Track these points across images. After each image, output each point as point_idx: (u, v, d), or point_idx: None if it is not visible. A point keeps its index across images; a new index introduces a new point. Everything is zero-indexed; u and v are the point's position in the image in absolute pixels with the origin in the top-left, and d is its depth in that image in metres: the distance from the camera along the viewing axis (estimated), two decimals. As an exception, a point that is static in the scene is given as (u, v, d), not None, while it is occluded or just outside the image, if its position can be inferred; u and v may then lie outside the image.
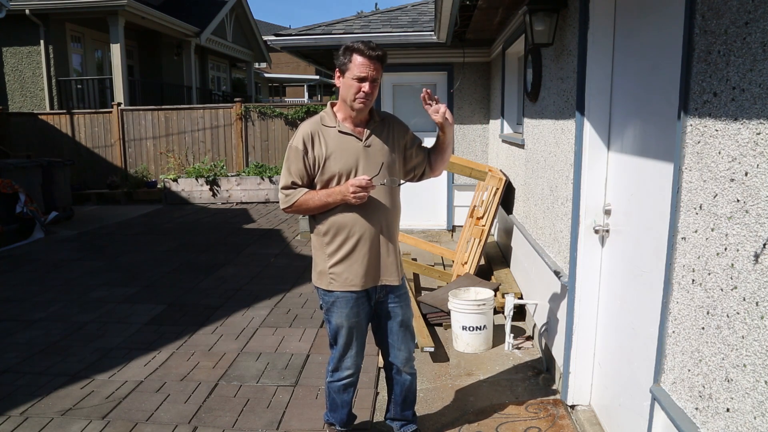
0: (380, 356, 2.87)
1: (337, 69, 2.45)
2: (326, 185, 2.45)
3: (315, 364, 3.82)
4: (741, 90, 1.49)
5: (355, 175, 2.42)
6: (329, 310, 2.59)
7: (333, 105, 2.53)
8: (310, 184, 2.49)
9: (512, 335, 3.98)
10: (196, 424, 3.09)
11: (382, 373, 3.08)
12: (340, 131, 2.46)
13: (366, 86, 2.37)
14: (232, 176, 11.06)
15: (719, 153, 1.59)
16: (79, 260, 6.71)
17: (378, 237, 2.50)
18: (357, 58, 2.35)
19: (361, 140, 2.46)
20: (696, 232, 1.73)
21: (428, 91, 2.42)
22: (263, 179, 10.92)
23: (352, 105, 2.42)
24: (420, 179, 2.71)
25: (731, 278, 1.53)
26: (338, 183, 2.43)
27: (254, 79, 21.90)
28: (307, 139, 2.44)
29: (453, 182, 7.56)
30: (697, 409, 1.72)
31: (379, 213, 2.48)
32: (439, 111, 2.43)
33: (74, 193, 10.44)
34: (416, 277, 5.66)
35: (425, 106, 2.44)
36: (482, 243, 5.06)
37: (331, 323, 2.60)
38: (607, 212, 2.80)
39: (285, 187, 2.48)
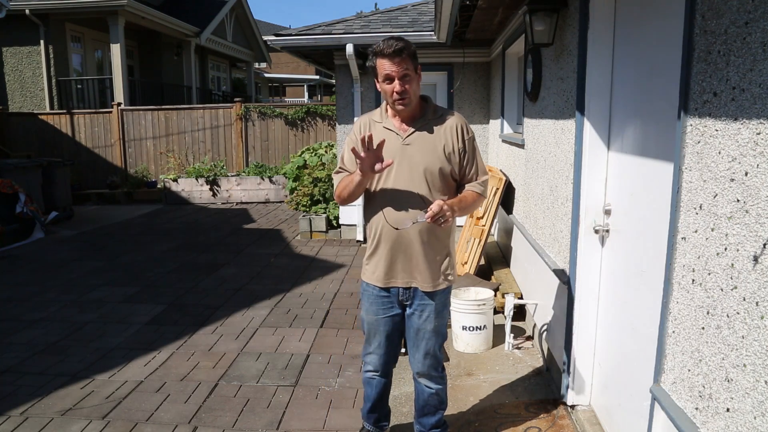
0: None
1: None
2: (377, 178, 2.47)
3: (315, 364, 3.82)
4: (741, 90, 1.48)
5: (392, 173, 2.39)
6: (361, 299, 2.65)
7: None
8: None
9: (512, 335, 3.98)
10: (196, 424, 3.09)
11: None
12: (384, 127, 2.44)
13: (396, 86, 2.30)
14: (232, 176, 11.06)
15: (719, 153, 1.59)
16: (79, 260, 6.72)
17: (406, 240, 2.41)
18: (378, 61, 2.31)
19: (401, 137, 2.41)
20: (696, 232, 1.73)
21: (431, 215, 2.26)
22: (263, 179, 10.92)
23: (393, 107, 2.38)
24: None
25: (731, 278, 1.53)
26: (381, 178, 2.42)
27: (254, 79, 21.91)
28: (359, 130, 2.49)
29: (453, 182, 7.54)
30: (697, 409, 1.72)
31: (403, 212, 2.39)
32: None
33: (74, 193, 10.43)
34: (416, 277, 5.65)
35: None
36: (482, 243, 5.06)
37: (361, 313, 2.67)
38: (607, 212, 2.80)
39: (335, 172, 2.57)
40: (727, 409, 1.55)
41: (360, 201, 2.58)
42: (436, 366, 2.61)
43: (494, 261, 5.64)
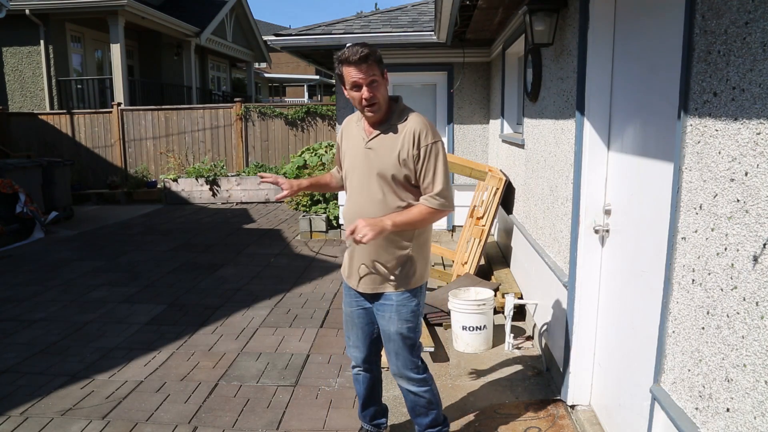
0: None
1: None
2: (346, 178, 2.55)
3: (315, 364, 3.82)
4: (741, 90, 1.49)
5: (355, 175, 2.44)
6: None
7: None
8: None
9: (512, 335, 3.98)
10: (196, 424, 3.09)
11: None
12: (357, 128, 2.47)
13: (364, 92, 2.28)
14: (232, 176, 11.06)
15: (719, 153, 1.59)
16: (79, 260, 6.71)
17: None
18: (344, 69, 2.29)
19: (365, 141, 2.41)
20: (696, 232, 1.73)
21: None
22: (263, 179, 10.91)
23: (363, 113, 2.38)
24: None
25: (731, 278, 1.53)
26: (347, 179, 2.50)
27: (254, 79, 21.90)
28: (342, 131, 2.59)
29: (453, 182, 7.55)
30: (697, 409, 1.72)
31: (359, 207, 2.43)
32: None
33: (74, 193, 10.43)
34: (416, 277, 5.65)
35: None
36: (482, 243, 5.06)
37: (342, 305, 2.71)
38: (607, 212, 2.80)
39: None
40: (727, 409, 1.55)
41: None
42: (410, 367, 2.53)
43: (494, 261, 5.64)
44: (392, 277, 2.44)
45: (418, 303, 2.50)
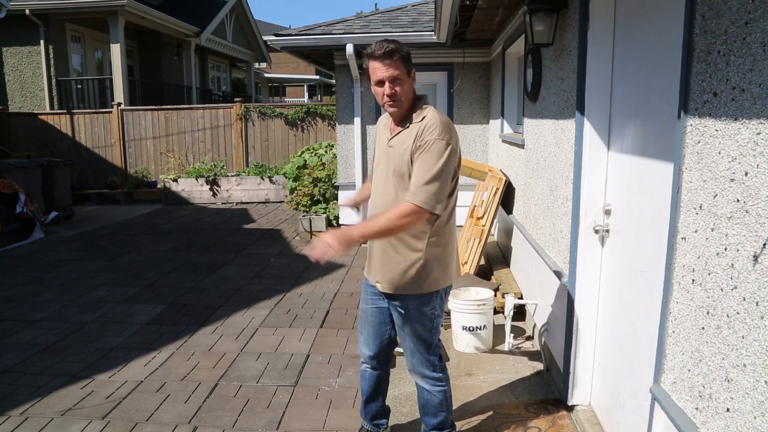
0: None
1: None
2: (371, 177, 2.60)
3: (315, 364, 3.82)
4: (741, 90, 1.49)
5: (376, 173, 2.51)
6: None
7: None
8: None
9: (512, 335, 3.98)
10: (196, 424, 3.09)
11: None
12: (384, 125, 2.52)
13: (386, 88, 2.30)
14: (232, 176, 11.06)
15: (719, 153, 1.59)
16: (79, 260, 6.72)
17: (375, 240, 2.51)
18: (370, 63, 2.31)
19: (388, 138, 2.44)
20: (696, 232, 1.73)
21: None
22: (263, 179, 10.92)
23: (384, 109, 2.40)
24: None
25: (731, 278, 1.53)
26: (372, 178, 2.57)
27: (254, 79, 21.90)
28: (375, 133, 2.65)
29: (453, 182, 7.54)
30: (697, 409, 1.72)
31: (375, 207, 2.49)
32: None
33: (74, 193, 10.43)
34: (416, 277, 5.65)
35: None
36: (482, 243, 5.06)
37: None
38: (607, 212, 2.80)
39: None
40: (727, 409, 1.55)
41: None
42: (426, 365, 2.55)
43: (494, 261, 5.64)
44: (404, 280, 2.43)
45: (433, 307, 2.49)
